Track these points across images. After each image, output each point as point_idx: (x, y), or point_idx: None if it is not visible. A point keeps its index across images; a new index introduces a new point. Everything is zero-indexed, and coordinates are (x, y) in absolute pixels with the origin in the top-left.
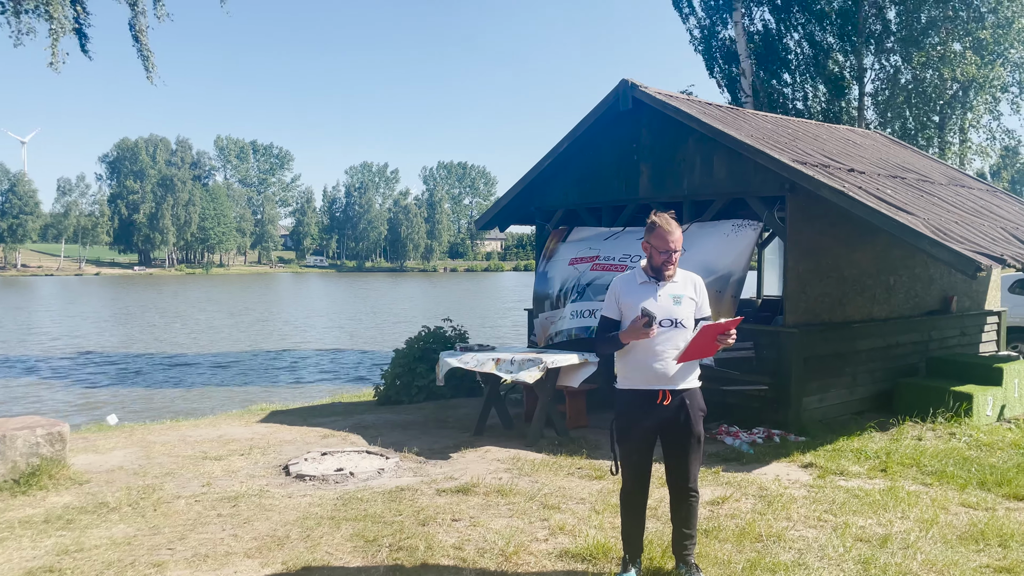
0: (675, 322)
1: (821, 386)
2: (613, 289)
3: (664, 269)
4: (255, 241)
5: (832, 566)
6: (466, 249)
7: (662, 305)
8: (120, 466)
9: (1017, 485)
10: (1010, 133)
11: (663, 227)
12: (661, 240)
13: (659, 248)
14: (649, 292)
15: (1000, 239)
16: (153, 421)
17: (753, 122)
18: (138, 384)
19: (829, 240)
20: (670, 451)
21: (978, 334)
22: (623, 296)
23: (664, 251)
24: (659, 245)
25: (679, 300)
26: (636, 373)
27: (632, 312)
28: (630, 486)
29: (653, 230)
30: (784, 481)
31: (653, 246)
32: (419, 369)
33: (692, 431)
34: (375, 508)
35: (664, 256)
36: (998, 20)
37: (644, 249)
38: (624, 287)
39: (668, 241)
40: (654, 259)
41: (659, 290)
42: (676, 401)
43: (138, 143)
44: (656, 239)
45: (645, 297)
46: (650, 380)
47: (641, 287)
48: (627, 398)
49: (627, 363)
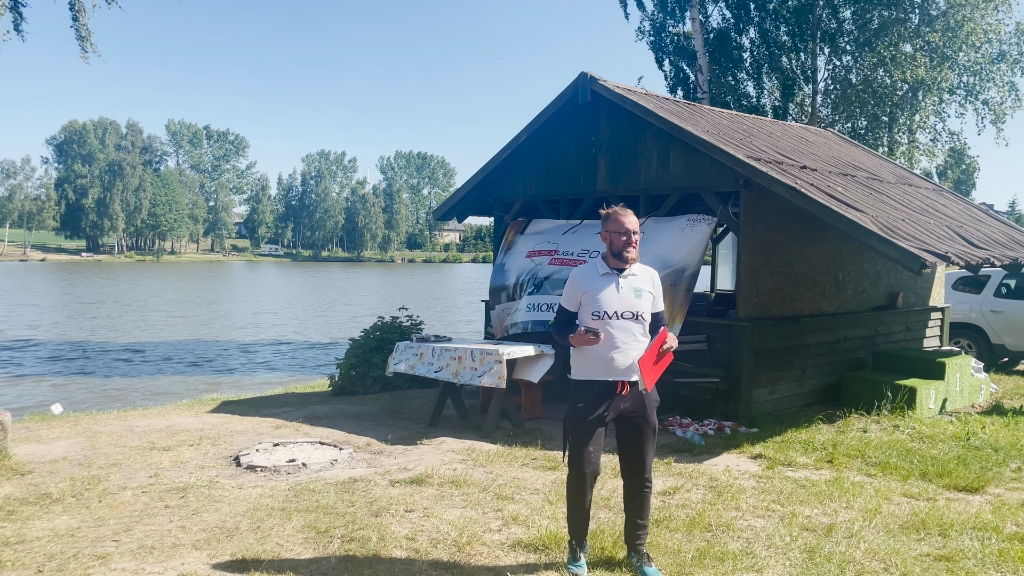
0: (636, 315)
1: (771, 379)
2: (574, 280)
3: (626, 251)
4: (208, 228)
5: (779, 555)
6: (424, 240)
7: (623, 297)
8: (64, 456)
9: (957, 476)
10: (954, 136)
11: (617, 212)
12: (617, 224)
13: (618, 231)
14: (610, 284)
15: (945, 237)
16: (100, 411)
17: (709, 118)
18: (84, 373)
19: (781, 236)
20: (626, 442)
21: (923, 329)
22: (583, 287)
23: (623, 232)
24: (616, 228)
25: (639, 293)
26: (594, 364)
27: (592, 304)
28: (582, 476)
29: (607, 219)
30: (734, 472)
31: (611, 231)
32: (374, 360)
33: (648, 421)
34: (327, 499)
35: (624, 237)
36: (948, 23)
37: (603, 239)
38: (585, 279)
39: (624, 223)
40: (615, 243)
41: (621, 282)
42: (633, 392)
43: (86, 126)
44: (612, 224)
45: (606, 289)
46: (609, 371)
47: (603, 278)
48: (584, 389)
49: (585, 354)
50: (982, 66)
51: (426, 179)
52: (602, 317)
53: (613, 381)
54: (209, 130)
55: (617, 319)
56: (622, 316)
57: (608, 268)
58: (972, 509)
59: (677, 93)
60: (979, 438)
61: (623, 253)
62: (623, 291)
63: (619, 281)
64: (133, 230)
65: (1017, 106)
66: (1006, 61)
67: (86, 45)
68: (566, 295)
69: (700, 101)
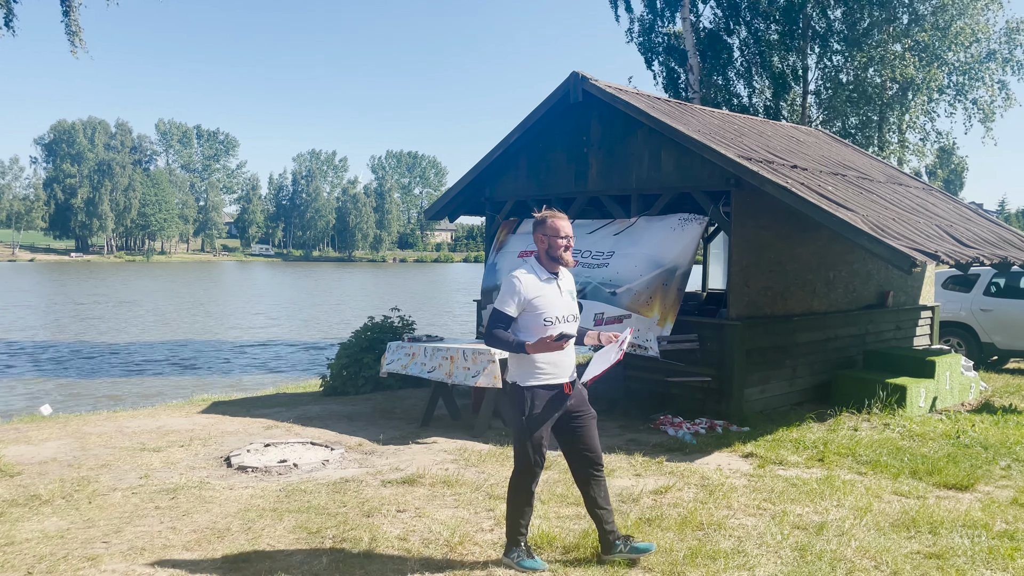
0: (575, 317)
1: (762, 378)
2: (515, 286)
3: (566, 254)
4: (198, 228)
5: (770, 553)
6: (416, 240)
7: (564, 301)
8: (54, 457)
9: (947, 474)
10: (943, 135)
11: (555, 216)
12: (555, 228)
13: (556, 235)
14: (554, 290)
15: (935, 236)
16: (89, 411)
17: (700, 117)
18: (74, 374)
19: (772, 235)
20: (576, 436)
21: (913, 328)
22: (530, 294)
23: (563, 236)
24: (555, 232)
25: (573, 295)
26: (547, 368)
27: (543, 310)
28: (534, 477)
29: (544, 223)
30: (725, 471)
31: (549, 235)
32: (366, 360)
33: (590, 411)
34: (319, 500)
35: (564, 241)
36: (937, 23)
37: (538, 242)
38: (529, 285)
39: (561, 228)
40: (554, 247)
41: (560, 285)
42: (575, 389)
43: (75, 125)
44: (550, 229)
45: (552, 296)
46: (559, 374)
47: (546, 284)
48: (538, 394)
49: (534, 359)
50: (971, 65)
51: (417, 179)
52: (554, 323)
53: (560, 384)
54: (199, 129)
55: (564, 323)
56: (567, 320)
57: (548, 273)
58: (962, 507)
59: (668, 93)
60: (969, 436)
61: (563, 256)
62: (564, 295)
63: (559, 284)
64: (123, 230)
65: (1007, 105)
66: (995, 60)
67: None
68: (506, 299)
69: (691, 101)
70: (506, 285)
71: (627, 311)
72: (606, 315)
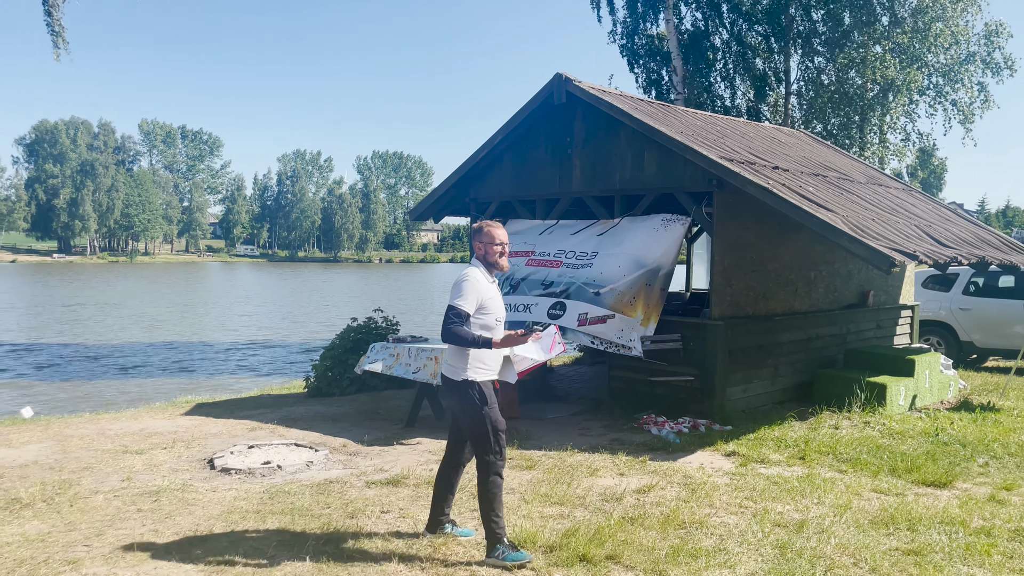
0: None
1: (745, 377)
2: (473, 286)
3: (501, 260)
4: (183, 229)
5: (751, 551)
6: (402, 240)
7: (501, 303)
8: (35, 460)
9: (926, 472)
10: (923, 136)
11: (490, 226)
12: (491, 236)
13: (493, 242)
14: (497, 291)
15: (914, 236)
16: (71, 414)
17: (683, 119)
18: (55, 376)
19: (754, 235)
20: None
21: (893, 327)
22: (483, 293)
23: (500, 243)
24: (491, 240)
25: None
26: (492, 363)
27: (492, 310)
28: (503, 463)
29: (480, 231)
30: (708, 469)
31: (486, 243)
32: (350, 361)
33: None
34: (303, 501)
35: (500, 247)
36: (916, 25)
37: (476, 250)
38: (482, 285)
39: (497, 236)
40: (490, 254)
41: (498, 290)
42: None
43: (58, 125)
44: (487, 237)
45: (496, 295)
46: (498, 368)
47: (491, 286)
48: (486, 388)
49: (482, 356)
50: (951, 67)
51: (403, 179)
52: (500, 321)
53: (495, 378)
54: (183, 130)
55: (503, 323)
56: (502, 320)
57: (490, 276)
58: (940, 504)
59: (650, 94)
60: (947, 434)
61: (499, 262)
62: (500, 297)
63: (496, 287)
64: (106, 231)
65: (986, 107)
66: (974, 62)
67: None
68: (467, 298)
69: (674, 102)
70: (463, 284)
71: (611, 311)
72: (590, 315)
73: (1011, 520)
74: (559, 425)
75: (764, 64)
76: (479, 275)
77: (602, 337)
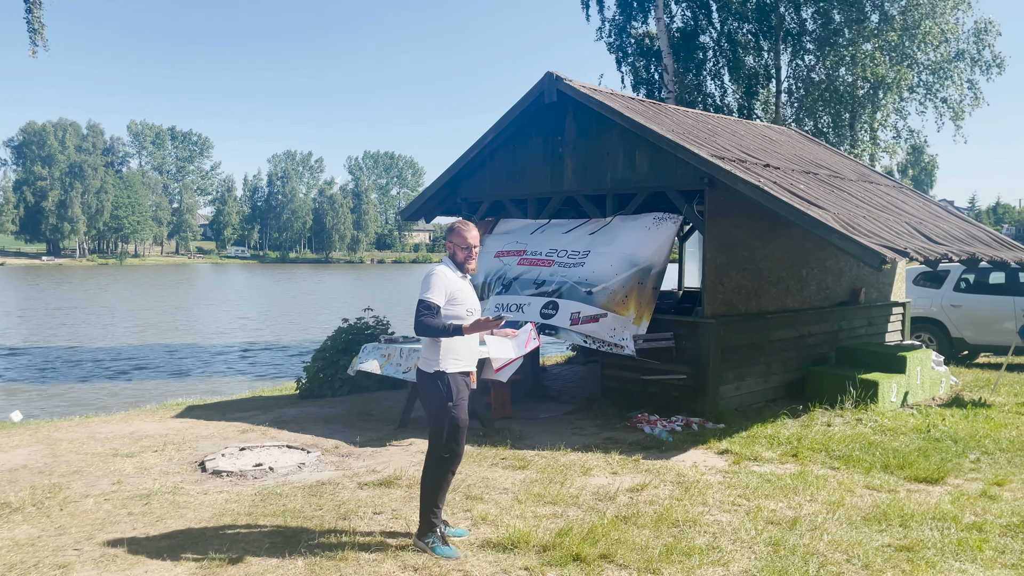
0: (479, 310)
1: (737, 375)
2: (443, 281)
3: (467, 264)
4: (172, 231)
5: (744, 549)
6: (394, 240)
7: (474, 297)
8: (24, 465)
9: (918, 468)
10: (914, 133)
11: (461, 226)
12: (461, 238)
13: (461, 245)
14: (468, 285)
15: (904, 233)
16: (60, 417)
17: (674, 117)
18: (45, 379)
19: (745, 233)
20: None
21: (884, 324)
22: (452, 287)
23: (465, 247)
24: (460, 242)
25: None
26: (464, 356)
27: (463, 303)
28: (457, 459)
29: (453, 230)
30: (701, 467)
31: (456, 244)
32: (342, 362)
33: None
34: (295, 503)
35: (466, 252)
36: (906, 23)
37: (448, 248)
38: (451, 280)
39: (467, 238)
40: (457, 255)
41: (468, 284)
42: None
43: (46, 127)
44: (457, 237)
45: (467, 289)
46: (471, 361)
47: (462, 282)
48: (456, 380)
49: (454, 347)
50: (940, 65)
51: (394, 179)
52: (472, 312)
53: (469, 370)
54: (173, 131)
55: (477, 314)
56: (476, 312)
57: (460, 273)
58: (932, 500)
59: (640, 92)
60: (939, 430)
61: (465, 265)
62: (470, 290)
63: (467, 283)
64: (95, 233)
65: (976, 104)
66: (964, 60)
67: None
68: (435, 290)
69: (665, 100)
70: (431, 278)
71: (603, 310)
72: (582, 314)
73: (1002, 515)
74: (552, 424)
75: (755, 62)
76: (446, 270)
77: (595, 336)
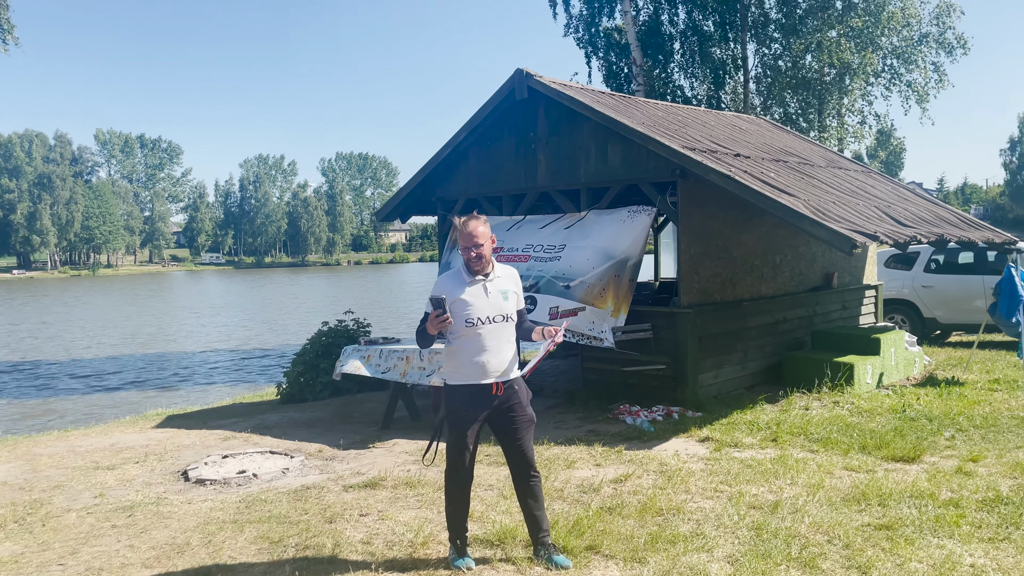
0: (506, 317)
1: (715, 363)
2: (439, 290)
3: (473, 264)
4: (145, 239)
5: (727, 534)
6: (370, 241)
7: (493, 301)
8: (4, 481)
9: (894, 447)
10: (880, 117)
11: (463, 224)
12: (465, 237)
13: (464, 244)
14: (479, 290)
15: (874, 217)
16: (39, 432)
17: (645, 110)
18: (21, 395)
19: (718, 223)
20: (506, 436)
21: (858, 307)
22: (451, 296)
23: (466, 247)
24: (464, 242)
25: (506, 295)
26: (469, 369)
27: (464, 312)
28: (461, 473)
29: (455, 228)
30: (683, 456)
31: (461, 245)
32: (323, 365)
33: (526, 414)
34: (280, 509)
35: (470, 251)
36: (869, 8)
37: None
38: (451, 287)
39: (472, 237)
40: (463, 255)
41: (488, 286)
42: (508, 389)
43: (12, 139)
44: (462, 238)
45: (475, 294)
46: (483, 375)
47: (469, 286)
48: (461, 393)
49: (458, 359)
50: (904, 49)
51: (369, 180)
52: (475, 324)
53: (488, 384)
54: (142, 139)
55: (490, 324)
56: (493, 320)
57: (473, 275)
58: (909, 478)
59: (610, 86)
60: (914, 409)
61: (471, 265)
62: (492, 295)
63: (487, 286)
64: (66, 244)
65: (940, 86)
66: (927, 43)
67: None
68: (429, 301)
69: (635, 93)
70: (435, 286)
71: (581, 304)
72: (560, 308)
73: (978, 491)
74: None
75: (721, 52)
76: (451, 278)
77: (574, 330)
